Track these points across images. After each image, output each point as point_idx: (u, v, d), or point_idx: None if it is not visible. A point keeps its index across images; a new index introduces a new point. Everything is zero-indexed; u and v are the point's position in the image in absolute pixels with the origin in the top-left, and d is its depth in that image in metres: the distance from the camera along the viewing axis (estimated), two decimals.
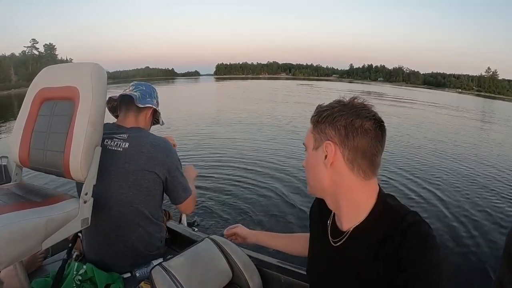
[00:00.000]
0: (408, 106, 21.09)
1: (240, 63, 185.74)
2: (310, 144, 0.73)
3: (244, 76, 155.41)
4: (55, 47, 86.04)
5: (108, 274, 1.06)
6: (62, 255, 1.30)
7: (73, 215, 0.86)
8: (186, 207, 1.28)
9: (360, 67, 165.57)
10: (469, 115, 18.96)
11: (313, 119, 0.72)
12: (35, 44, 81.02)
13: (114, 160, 1.07)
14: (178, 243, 1.40)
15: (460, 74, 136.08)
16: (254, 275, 1.11)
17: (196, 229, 1.54)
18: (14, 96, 36.60)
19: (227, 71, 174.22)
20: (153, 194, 1.13)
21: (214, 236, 1.16)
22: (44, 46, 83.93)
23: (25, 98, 1.01)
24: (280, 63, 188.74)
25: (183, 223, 1.69)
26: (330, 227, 0.75)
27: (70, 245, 1.12)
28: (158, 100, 1.33)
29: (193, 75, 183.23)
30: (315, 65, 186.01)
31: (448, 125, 12.65)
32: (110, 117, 1.24)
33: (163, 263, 0.99)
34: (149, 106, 1.22)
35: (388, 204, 0.67)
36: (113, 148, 1.09)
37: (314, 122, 0.72)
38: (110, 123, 1.15)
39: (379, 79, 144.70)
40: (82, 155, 0.85)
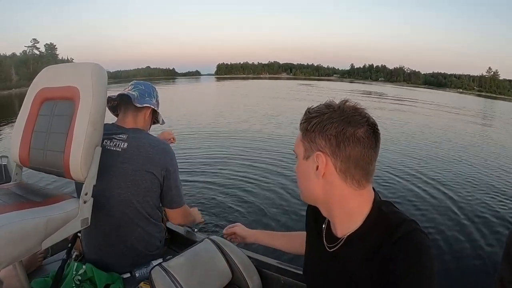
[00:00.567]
0: (412, 106, 21.05)
1: (241, 63, 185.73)
2: (300, 152, 0.70)
3: (245, 76, 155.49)
4: (56, 46, 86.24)
5: (108, 274, 1.07)
6: (62, 255, 1.30)
7: (73, 215, 0.86)
8: (175, 215, 1.26)
9: (361, 67, 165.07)
10: (472, 116, 18.87)
11: (302, 126, 0.69)
12: (36, 44, 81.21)
13: (113, 160, 1.07)
14: (178, 243, 1.40)
15: (461, 74, 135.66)
16: (254, 275, 1.11)
17: (196, 229, 1.54)
18: (15, 96, 36.69)
19: (228, 71, 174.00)
20: (151, 195, 1.13)
21: (213, 237, 1.16)
22: (45, 45, 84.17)
23: (25, 98, 1.01)
24: (281, 63, 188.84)
25: None
26: (325, 232, 0.74)
27: (69, 245, 1.12)
28: (159, 100, 1.31)
29: (194, 75, 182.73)
30: (316, 65, 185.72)
31: (451, 126, 12.60)
32: (111, 117, 1.24)
33: (162, 264, 0.99)
34: (147, 106, 1.21)
35: (382, 212, 0.66)
36: (112, 148, 1.09)
37: (303, 130, 0.69)
38: (109, 123, 1.15)
39: (380, 79, 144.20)
40: (82, 155, 0.85)
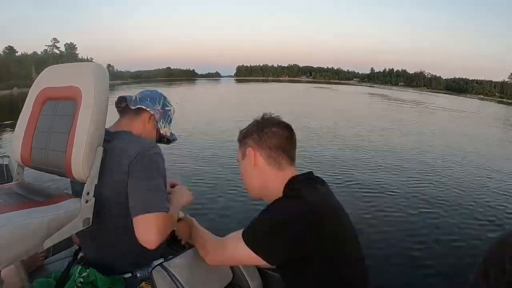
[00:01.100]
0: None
1: (261, 65, 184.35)
2: (239, 157, 0.94)
3: (264, 78, 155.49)
4: (75, 46, 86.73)
5: (110, 278, 1.06)
6: (63, 254, 1.31)
7: (74, 215, 0.86)
8: (142, 228, 0.89)
9: (381, 71, 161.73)
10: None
11: (238, 139, 0.95)
12: (56, 43, 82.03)
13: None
14: (179, 243, 1.40)
15: (482, 79, 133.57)
16: (255, 275, 1.11)
17: None
18: None
19: (247, 73, 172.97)
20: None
21: None
22: (65, 45, 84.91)
23: (27, 97, 1.01)
24: (301, 66, 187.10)
25: None
26: None
27: (77, 247, 1.11)
28: (169, 110, 1.18)
29: (213, 76, 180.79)
30: (335, 68, 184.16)
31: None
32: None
33: (164, 263, 1.00)
34: (142, 107, 1.09)
35: (290, 186, 0.84)
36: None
37: (238, 141, 0.95)
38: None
39: (400, 83, 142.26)
40: (84, 154, 0.85)
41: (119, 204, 0.97)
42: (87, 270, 1.04)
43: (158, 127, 1.16)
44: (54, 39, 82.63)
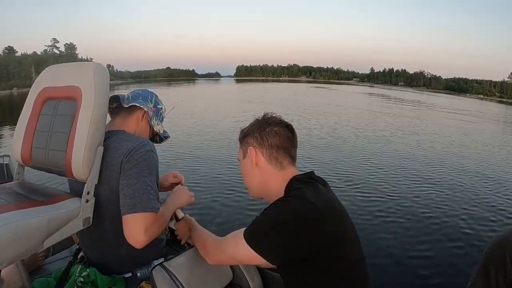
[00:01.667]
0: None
1: (260, 65, 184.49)
2: (240, 156, 0.95)
3: (264, 78, 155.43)
4: (75, 46, 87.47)
5: (111, 277, 1.06)
6: (63, 254, 1.31)
7: (75, 214, 0.86)
8: (129, 227, 0.89)
9: (381, 71, 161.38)
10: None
11: (238, 138, 0.95)
12: (55, 44, 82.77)
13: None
14: (179, 243, 1.40)
15: (482, 79, 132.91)
16: (255, 275, 1.11)
17: None
18: None
19: (247, 73, 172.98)
20: None
21: None
22: (64, 45, 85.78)
23: (27, 97, 1.01)
24: (301, 66, 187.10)
25: None
26: None
27: (77, 247, 1.11)
28: (160, 110, 1.20)
29: (213, 76, 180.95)
30: (335, 68, 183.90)
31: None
32: None
33: (164, 263, 1.00)
34: (136, 105, 1.10)
35: (291, 186, 0.83)
36: None
37: (239, 140, 0.95)
38: None
39: (400, 83, 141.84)
40: (84, 154, 0.85)
41: (117, 203, 0.97)
42: (87, 270, 1.04)
43: (151, 124, 1.16)
44: (54, 39, 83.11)
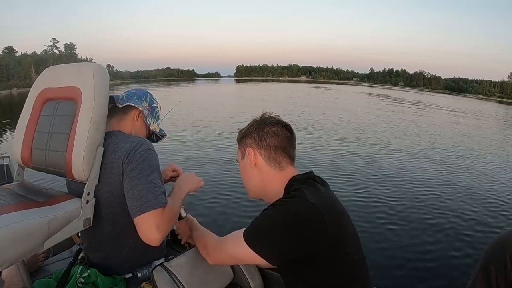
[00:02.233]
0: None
1: (260, 65, 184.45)
2: (239, 157, 0.94)
3: (264, 78, 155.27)
4: (75, 46, 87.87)
5: (111, 278, 1.06)
6: (64, 255, 1.31)
7: (75, 215, 0.86)
8: (142, 228, 0.89)
9: (381, 71, 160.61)
10: None
11: (237, 139, 0.95)
12: (55, 44, 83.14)
13: None
14: (180, 243, 1.40)
15: (482, 79, 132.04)
16: (256, 275, 1.11)
17: None
18: None
19: (247, 73, 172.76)
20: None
21: None
22: (64, 45, 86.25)
23: (27, 98, 1.01)
24: (300, 66, 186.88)
25: None
26: None
27: (78, 248, 1.10)
28: (156, 108, 1.20)
29: (213, 76, 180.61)
30: (335, 68, 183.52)
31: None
32: None
33: (164, 263, 1.00)
34: (131, 105, 1.09)
35: (290, 186, 0.83)
36: None
37: (238, 140, 0.94)
38: None
39: (399, 83, 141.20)
40: (84, 155, 0.85)
41: (117, 204, 0.98)
42: (88, 270, 1.04)
43: (147, 123, 1.16)
44: (54, 39, 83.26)
